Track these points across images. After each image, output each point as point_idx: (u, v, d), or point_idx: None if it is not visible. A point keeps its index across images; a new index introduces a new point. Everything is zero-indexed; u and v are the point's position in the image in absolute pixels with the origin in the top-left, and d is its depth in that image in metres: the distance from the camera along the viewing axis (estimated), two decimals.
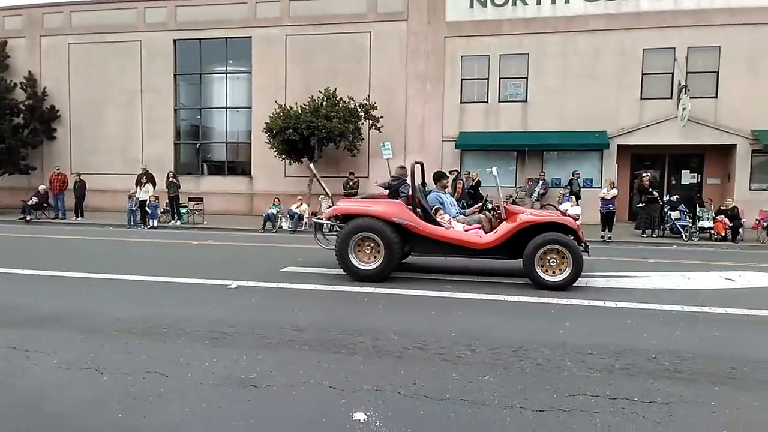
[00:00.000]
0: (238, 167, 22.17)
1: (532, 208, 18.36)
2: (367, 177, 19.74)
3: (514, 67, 19.21)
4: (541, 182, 18.32)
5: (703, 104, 17.68)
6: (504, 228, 7.81)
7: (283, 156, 19.23)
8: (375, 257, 7.91)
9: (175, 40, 21.75)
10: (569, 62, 18.70)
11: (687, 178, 19.18)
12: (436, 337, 5.28)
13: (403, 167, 9.81)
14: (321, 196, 18.37)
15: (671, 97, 18.14)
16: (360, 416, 3.59)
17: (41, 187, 19.69)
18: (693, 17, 17.92)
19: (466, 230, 8.13)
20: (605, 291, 7.55)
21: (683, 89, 17.46)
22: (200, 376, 4.27)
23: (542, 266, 7.53)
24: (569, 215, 9.02)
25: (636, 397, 3.94)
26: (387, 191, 9.49)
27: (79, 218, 18.52)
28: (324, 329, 5.51)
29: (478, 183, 17.16)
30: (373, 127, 18.77)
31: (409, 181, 8.41)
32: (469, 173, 17.83)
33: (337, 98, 18.64)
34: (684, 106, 17.24)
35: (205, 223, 17.71)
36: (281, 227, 17.01)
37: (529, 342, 5.16)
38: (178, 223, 17.70)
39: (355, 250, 7.97)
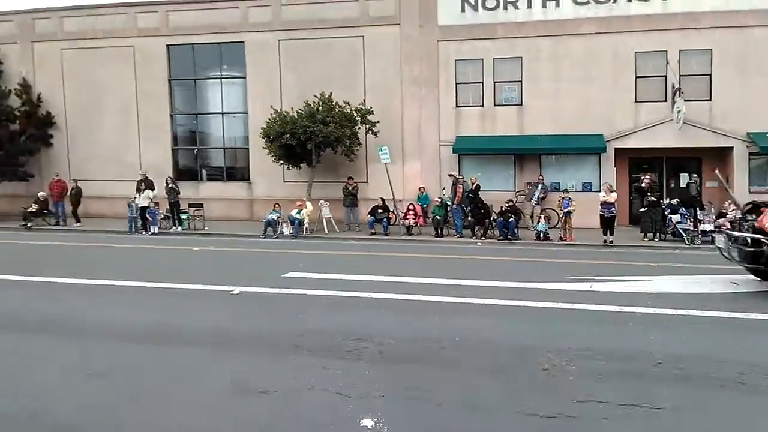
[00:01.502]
0: (237, 173, 22.15)
1: (533, 212, 18.62)
2: (366, 182, 19.75)
3: (509, 71, 19.27)
4: (540, 186, 18.37)
5: (699, 107, 17.80)
6: None
7: (282, 161, 19.24)
8: None
9: (168, 45, 21.71)
10: (563, 65, 18.78)
11: (685, 180, 19.24)
12: (440, 341, 5.31)
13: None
14: (321, 201, 18.41)
15: (666, 100, 18.27)
16: (368, 423, 3.62)
17: (41, 194, 19.61)
18: (682, 20, 18.06)
19: None
20: (610, 295, 7.61)
21: (677, 92, 17.58)
22: (211, 381, 4.29)
23: None
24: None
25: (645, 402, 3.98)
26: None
27: (77, 224, 18.47)
28: (328, 335, 5.55)
29: (478, 187, 17.21)
30: (370, 132, 18.80)
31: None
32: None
33: (333, 103, 18.65)
34: (678, 109, 17.35)
35: (206, 229, 17.70)
36: (282, 233, 17.02)
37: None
38: (179, 229, 17.67)
39: None
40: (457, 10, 19.43)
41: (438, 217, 16.80)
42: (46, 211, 19.42)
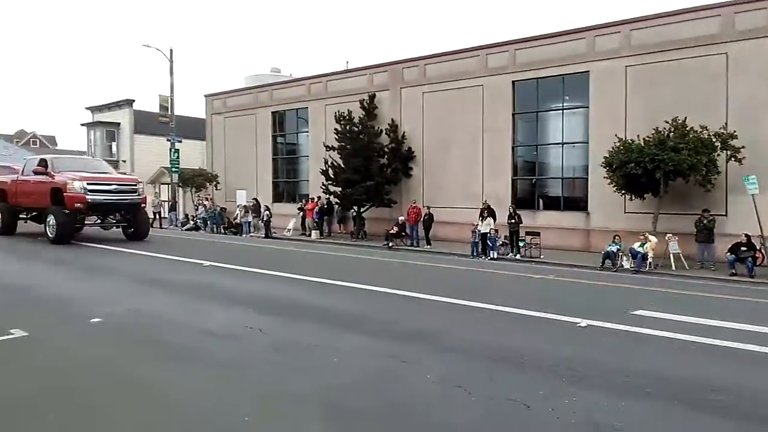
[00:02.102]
0: (574, 202, 21.93)
1: None
2: (725, 215, 17.42)
3: None
4: None
5: None
6: None
7: (624, 191, 18.31)
8: None
9: (513, 82, 22.86)
10: None
11: None
12: None
13: None
14: (668, 235, 16.91)
15: None
16: None
17: (400, 218, 22.76)
18: None
19: None
20: None
21: None
22: (561, 412, 4.32)
23: None
24: None
25: None
26: None
27: (428, 246, 20.71)
28: (690, 385, 5.02)
29: None
30: (733, 159, 16.52)
31: None
32: None
33: (687, 128, 17.00)
34: None
35: (541, 257, 17.96)
36: (622, 266, 16.16)
37: None
38: (518, 256, 18.30)
39: None
40: None
41: None
42: (403, 234, 22.31)
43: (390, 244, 21.21)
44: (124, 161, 44.38)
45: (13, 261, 12.86)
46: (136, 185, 16.89)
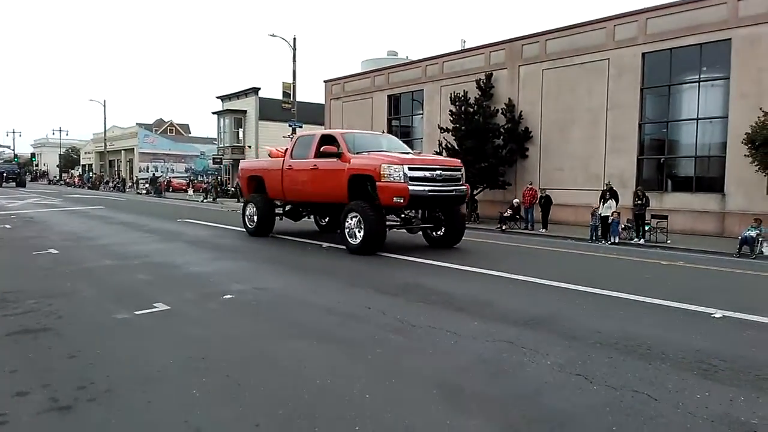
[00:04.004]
0: (708, 183, 20.27)
1: None
2: None
3: None
4: None
5: None
6: None
7: (767, 171, 16.67)
8: None
9: (644, 54, 21.39)
10: None
11: None
12: None
13: None
14: None
15: None
16: None
17: (515, 201, 22.28)
18: None
19: None
20: None
21: None
22: (693, 407, 4.11)
23: None
24: None
25: None
26: None
27: (543, 230, 20.13)
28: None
29: None
30: None
31: None
32: None
33: None
34: None
35: (668, 242, 16.84)
36: (761, 252, 14.78)
37: None
38: (642, 240, 17.31)
39: None
40: None
41: None
42: (518, 216, 21.83)
43: (503, 227, 20.85)
44: (249, 147, 47.10)
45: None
46: (460, 170, 12.58)
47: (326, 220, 16.12)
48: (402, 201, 11.22)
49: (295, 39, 34.51)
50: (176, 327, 6.10)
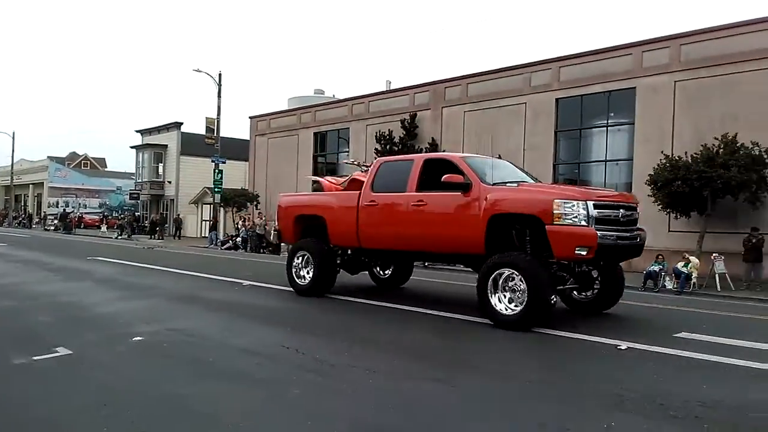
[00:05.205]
0: None
1: None
2: None
3: None
4: None
5: None
6: None
7: (668, 210, 17.85)
8: None
9: (557, 99, 22.67)
10: None
11: None
12: None
13: None
14: (714, 255, 16.38)
15: None
16: None
17: None
18: None
19: None
20: None
21: None
22: None
23: None
24: None
25: None
26: None
27: None
28: (736, 409, 4.83)
29: None
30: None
31: None
32: None
33: (737, 144, 16.52)
34: None
35: None
36: (664, 286, 15.71)
37: None
38: None
39: None
40: None
41: None
42: None
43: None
44: (170, 182, 45.75)
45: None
46: (637, 209, 9.02)
47: (388, 271, 12.39)
48: (585, 253, 7.71)
49: (220, 75, 34.24)
50: (79, 372, 5.68)
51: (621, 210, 8.41)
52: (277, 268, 14.00)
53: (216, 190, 33.69)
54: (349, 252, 11.01)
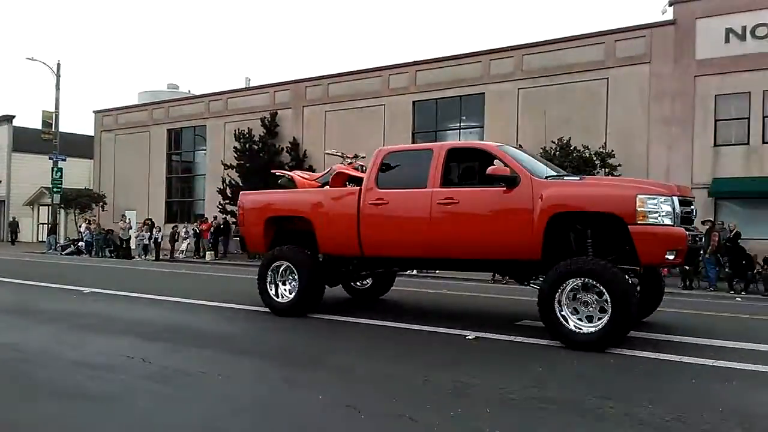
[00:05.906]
0: None
1: None
2: None
3: None
4: None
5: None
6: None
7: None
8: None
9: (414, 102, 23.49)
10: None
11: None
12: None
13: None
14: None
15: None
16: None
17: None
18: None
19: None
20: None
21: None
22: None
23: None
24: None
25: None
26: None
27: None
28: (569, 389, 5.25)
29: (738, 235, 15.11)
30: (611, 176, 17.84)
31: None
32: None
33: (571, 147, 18.19)
34: None
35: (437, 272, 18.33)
36: None
37: None
38: None
39: None
40: (719, 42, 17.76)
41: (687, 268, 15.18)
42: None
43: None
44: (1, 181, 41.02)
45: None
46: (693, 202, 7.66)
47: (366, 282, 10.68)
48: (674, 257, 6.60)
49: (59, 65, 31.25)
50: None
51: (690, 206, 7.34)
52: (134, 273, 13.00)
53: (55, 190, 30.71)
54: (355, 261, 8.86)
